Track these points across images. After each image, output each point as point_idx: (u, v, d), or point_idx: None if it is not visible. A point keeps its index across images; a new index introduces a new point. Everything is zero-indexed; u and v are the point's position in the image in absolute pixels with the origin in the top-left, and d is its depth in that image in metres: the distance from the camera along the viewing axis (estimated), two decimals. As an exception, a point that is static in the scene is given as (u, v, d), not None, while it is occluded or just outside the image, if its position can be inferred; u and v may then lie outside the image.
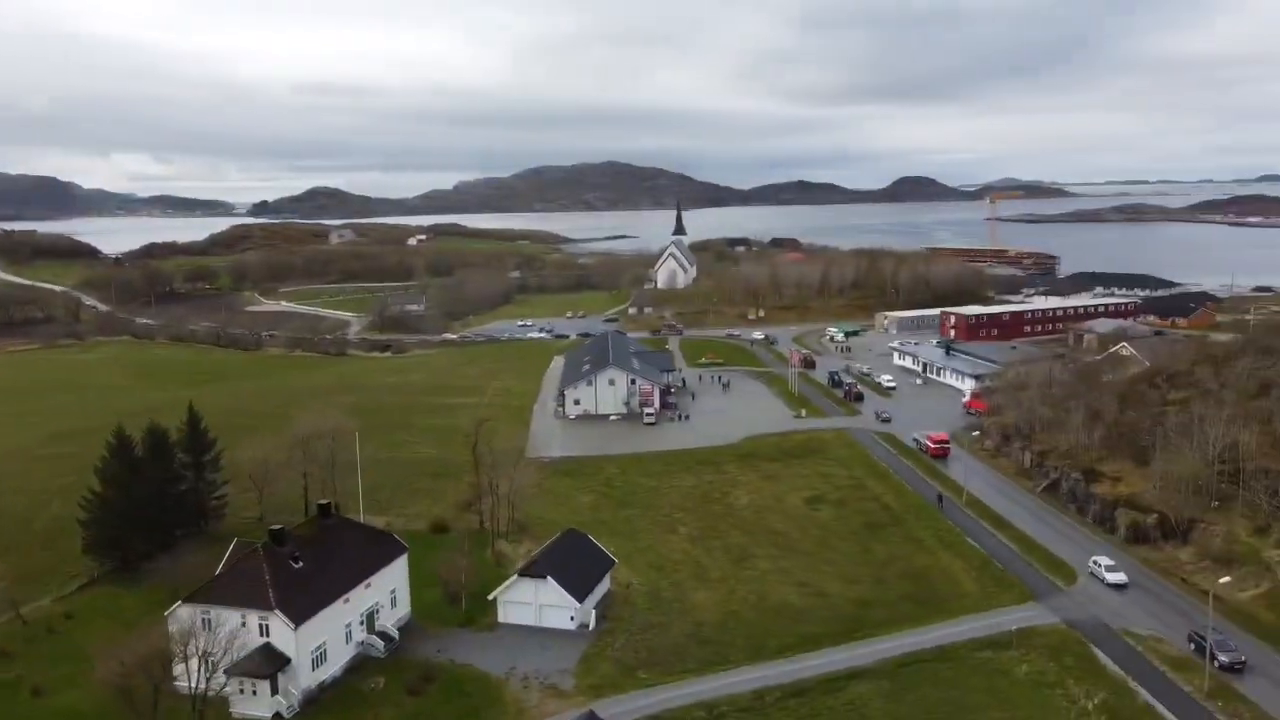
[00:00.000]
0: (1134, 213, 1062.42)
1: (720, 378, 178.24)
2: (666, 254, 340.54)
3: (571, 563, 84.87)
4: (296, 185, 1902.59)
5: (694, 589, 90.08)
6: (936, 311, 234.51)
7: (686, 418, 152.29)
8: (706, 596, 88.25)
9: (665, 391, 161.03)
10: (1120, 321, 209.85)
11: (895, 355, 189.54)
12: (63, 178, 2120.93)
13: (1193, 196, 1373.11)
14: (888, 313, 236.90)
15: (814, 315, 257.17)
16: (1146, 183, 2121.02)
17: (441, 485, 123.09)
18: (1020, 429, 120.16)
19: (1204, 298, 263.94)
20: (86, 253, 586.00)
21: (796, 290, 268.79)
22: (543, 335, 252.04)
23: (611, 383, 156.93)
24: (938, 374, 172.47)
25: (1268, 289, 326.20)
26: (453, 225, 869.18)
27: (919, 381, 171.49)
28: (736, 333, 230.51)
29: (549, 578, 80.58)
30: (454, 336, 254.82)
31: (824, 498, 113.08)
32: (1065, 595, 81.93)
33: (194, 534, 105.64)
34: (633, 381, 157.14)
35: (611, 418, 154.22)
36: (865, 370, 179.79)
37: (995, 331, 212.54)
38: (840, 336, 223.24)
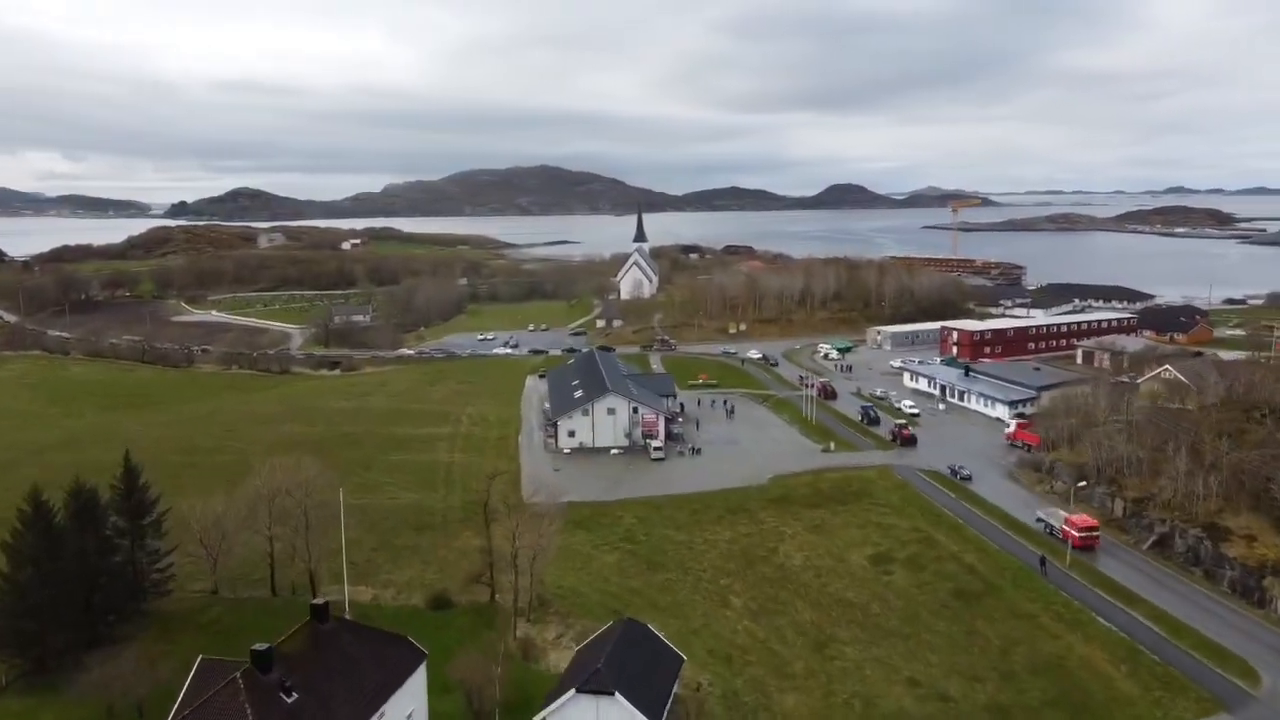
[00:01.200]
0: (1065, 222, 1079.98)
1: (725, 403, 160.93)
2: (630, 263, 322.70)
3: (637, 667, 66.30)
4: (216, 186, 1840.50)
5: (778, 690, 72.49)
6: (933, 326, 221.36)
7: (697, 451, 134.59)
8: (797, 701, 70.71)
9: (669, 420, 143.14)
10: (1137, 339, 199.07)
11: (906, 376, 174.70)
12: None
13: (1112, 207, 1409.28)
14: (880, 327, 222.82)
15: (797, 329, 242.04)
16: (1064, 193, 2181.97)
17: (429, 541, 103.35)
18: (1101, 470, 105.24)
19: (1193, 311, 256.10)
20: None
21: (778, 302, 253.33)
22: (510, 351, 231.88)
23: (611, 411, 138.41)
24: (960, 398, 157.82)
25: (1239, 301, 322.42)
26: (387, 229, 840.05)
27: (941, 407, 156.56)
28: (732, 349, 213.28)
29: (617, 693, 62.00)
30: (410, 352, 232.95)
31: (891, 556, 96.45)
32: (1259, 703, 66.21)
33: (131, 617, 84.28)
34: (634, 410, 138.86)
35: (612, 452, 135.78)
36: (880, 394, 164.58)
37: (1000, 349, 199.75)
38: (835, 354, 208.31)
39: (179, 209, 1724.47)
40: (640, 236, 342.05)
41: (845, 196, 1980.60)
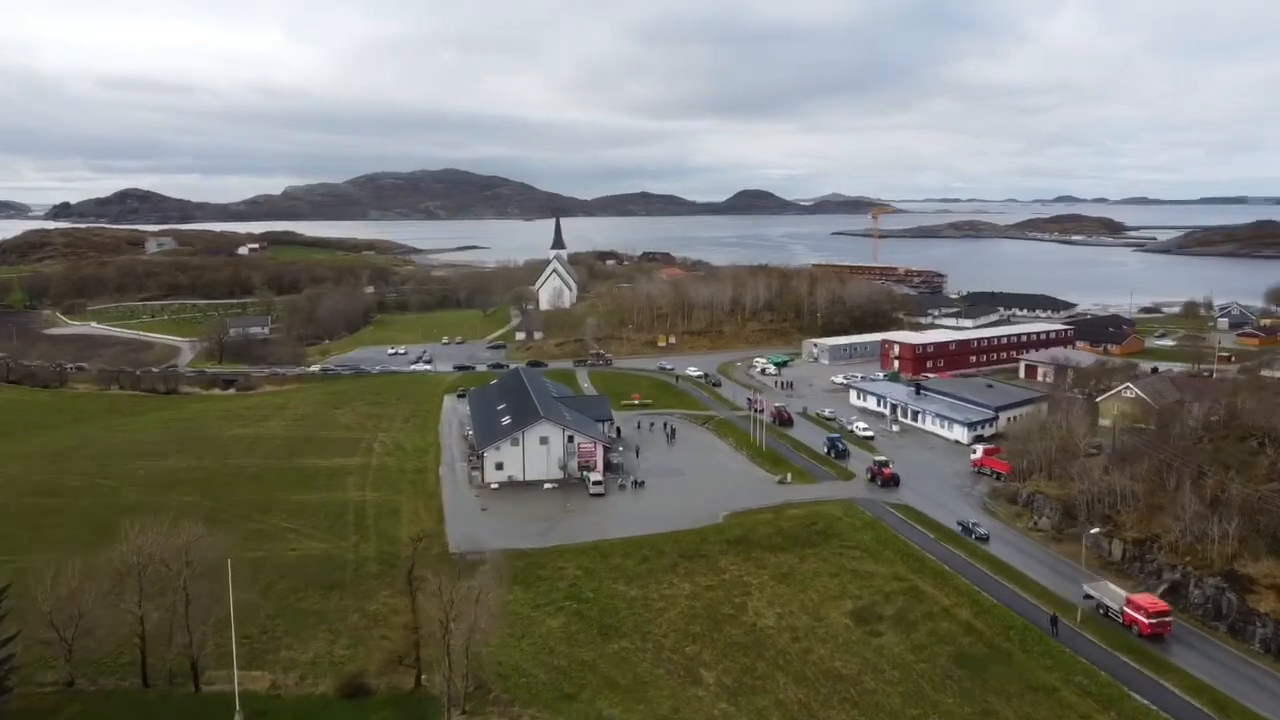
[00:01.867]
0: (969, 229, 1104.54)
1: (666, 426, 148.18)
2: (549, 271, 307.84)
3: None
4: (103, 187, 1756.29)
5: (777, 801, 59.86)
6: (872, 338, 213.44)
7: (640, 484, 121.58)
8: (801, 817, 58.20)
9: (608, 449, 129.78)
10: (1078, 351, 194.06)
11: (853, 394, 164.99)
12: None
13: (1008, 215, 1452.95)
14: (816, 340, 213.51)
15: (729, 342, 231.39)
16: (960, 200, 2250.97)
17: (339, 605, 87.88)
18: (1091, 506, 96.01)
19: (1120, 321, 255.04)
20: None
21: (707, 313, 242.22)
22: (426, 367, 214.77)
23: (544, 441, 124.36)
24: (913, 418, 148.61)
25: (1153, 310, 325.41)
26: (288, 233, 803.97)
27: (894, 428, 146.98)
28: (668, 365, 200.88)
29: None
30: (314, 369, 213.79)
31: (876, 612, 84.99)
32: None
33: (-43, 725, 66.92)
34: (570, 439, 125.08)
35: (546, 486, 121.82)
36: (829, 414, 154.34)
37: (942, 362, 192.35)
38: (772, 369, 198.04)
39: (61, 210, 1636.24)
40: (558, 243, 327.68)
41: (754, 203, 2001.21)
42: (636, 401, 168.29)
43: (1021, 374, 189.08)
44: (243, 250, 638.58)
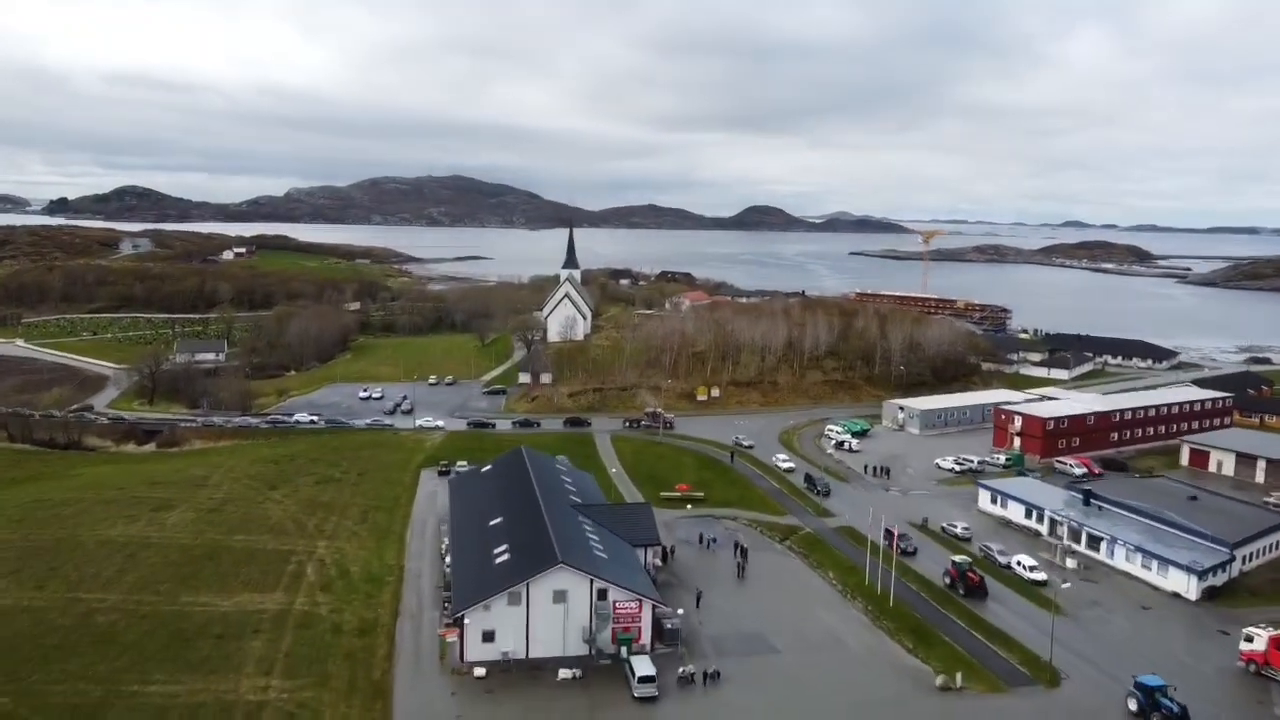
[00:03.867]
0: (994, 254, 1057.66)
1: (737, 549, 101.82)
2: (560, 295, 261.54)
3: None
4: (109, 183, 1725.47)
5: None
6: (975, 399, 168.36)
7: (714, 677, 75.40)
8: None
9: (660, 611, 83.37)
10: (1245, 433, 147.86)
11: (985, 496, 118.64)
12: None
13: (1019, 238, 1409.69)
14: (902, 401, 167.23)
15: (784, 397, 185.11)
16: (968, 222, 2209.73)
17: None
18: None
19: (1257, 380, 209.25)
20: None
21: (757, 357, 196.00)
22: (412, 425, 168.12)
23: (560, 597, 78.34)
24: (1091, 545, 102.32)
25: (1261, 358, 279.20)
26: (281, 237, 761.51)
27: (1068, 563, 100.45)
28: (746, 440, 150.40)
29: None
30: (255, 421, 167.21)
31: None
32: None
33: None
34: (601, 595, 79.00)
35: (562, 674, 75.74)
36: (960, 530, 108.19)
37: (1078, 441, 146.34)
38: (851, 440, 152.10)
39: (59, 206, 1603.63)
40: (571, 262, 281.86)
41: (763, 218, 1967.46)
42: (682, 494, 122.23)
43: (1184, 459, 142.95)
44: (228, 254, 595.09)
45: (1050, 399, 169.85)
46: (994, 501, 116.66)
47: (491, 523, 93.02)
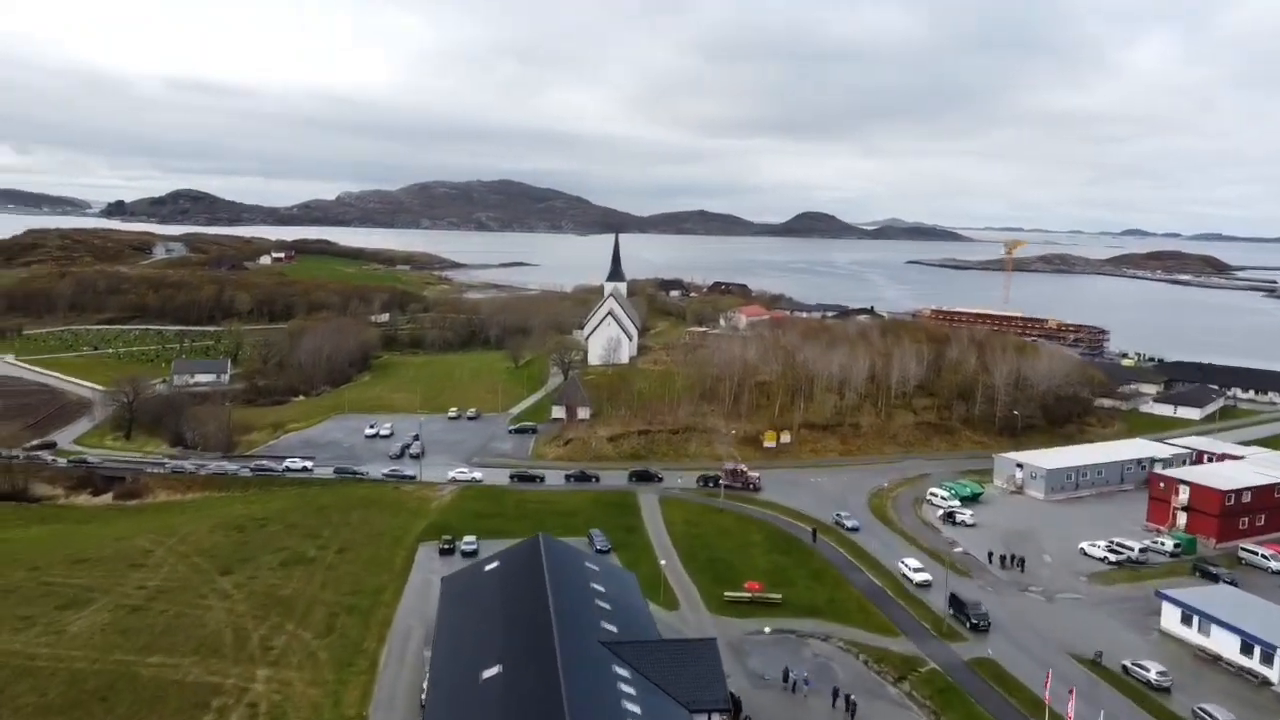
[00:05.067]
0: (1060, 263, 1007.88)
1: (838, 695, 71.31)
2: (604, 313, 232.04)
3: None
4: (165, 186, 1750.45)
5: None
6: (1113, 455, 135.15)
7: None
8: None
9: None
10: None
11: (1168, 611, 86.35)
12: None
13: (1081, 247, 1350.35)
14: (1021, 457, 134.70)
15: (869, 444, 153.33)
16: (1023, 230, 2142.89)
17: None
18: None
19: None
20: None
21: (833, 394, 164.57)
22: (410, 467, 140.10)
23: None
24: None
25: None
26: (323, 241, 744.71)
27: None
28: (850, 519, 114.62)
29: None
30: (234, 468, 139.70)
31: None
32: None
33: None
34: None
35: None
36: (1156, 677, 76.17)
37: (1262, 519, 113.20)
38: (958, 504, 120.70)
39: (115, 209, 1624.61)
40: (616, 274, 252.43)
41: (813, 225, 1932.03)
42: (752, 594, 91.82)
43: None
44: (265, 259, 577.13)
45: (1207, 455, 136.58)
46: (1187, 623, 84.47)
47: (486, 675, 63.60)
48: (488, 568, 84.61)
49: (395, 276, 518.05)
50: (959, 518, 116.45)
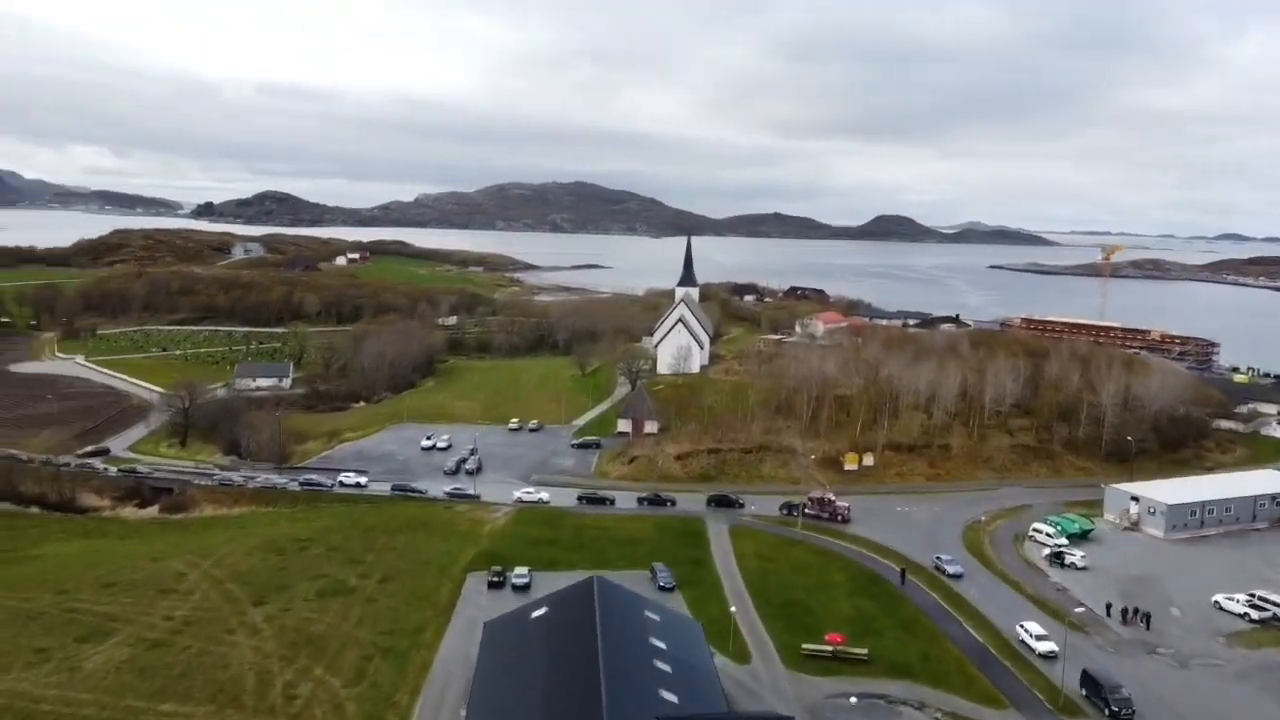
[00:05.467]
0: (1152, 268, 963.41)
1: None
2: (674, 319, 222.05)
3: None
4: (254, 188, 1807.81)
5: None
6: (1244, 489, 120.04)
7: None
8: None
9: None
10: None
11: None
12: (2, 165, 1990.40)
13: (1173, 252, 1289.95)
14: (1136, 488, 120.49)
15: (960, 468, 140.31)
16: (1110, 233, 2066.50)
17: None
18: None
19: None
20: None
21: (920, 410, 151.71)
22: (466, 482, 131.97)
23: None
24: None
25: None
26: (398, 242, 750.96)
27: None
28: (952, 563, 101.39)
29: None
30: (283, 481, 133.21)
31: None
32: None
33: None
34: None
35: None
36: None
37: None
38: (1065, 542, 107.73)
39: (204, 210, 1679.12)
40: (688, 279, 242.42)
41: (892, 228, 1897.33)
42: (834, 647, 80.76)
43: None
44: (341, 260, 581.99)
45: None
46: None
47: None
48: (535, 614, 75.23)
49: (467, 278, 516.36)
50: (1068, 559, 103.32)
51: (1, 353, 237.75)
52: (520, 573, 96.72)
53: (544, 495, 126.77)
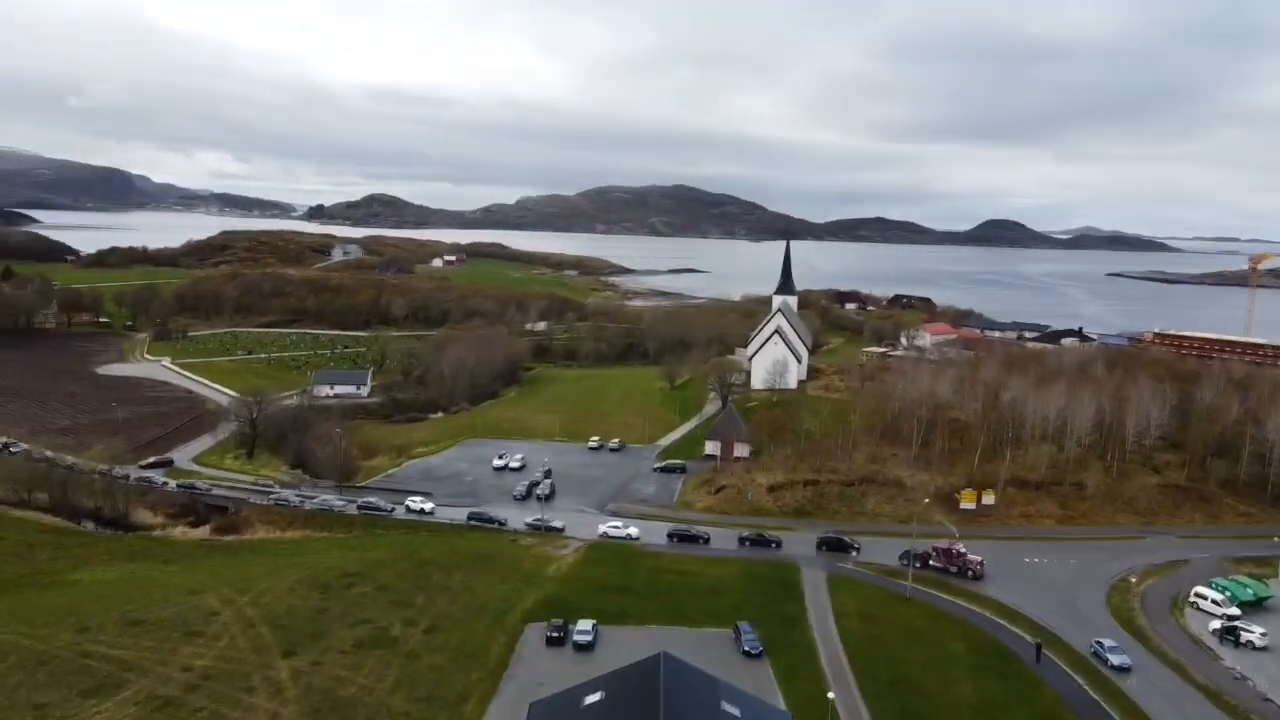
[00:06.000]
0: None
1: None
2: (771, 330, 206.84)
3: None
4: (363, 191, 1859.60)
5: None
6: None
7: None
8: None
9: None
10: None
11: None
12: (134, 170, 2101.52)
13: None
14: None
15: (1097, 510, 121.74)
16: (1239, 240, 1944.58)
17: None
18: None
19: None
20: (56, 255, 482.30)
21: (1048, 441, 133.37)
22: (536, 516, 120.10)
23: None
24: None
25: None
26: (496, 245, 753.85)
27: None
28: (1117, 658, 79.79)
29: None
30: (341, 504, 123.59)
31: None
32: None
33: None
34: None
35: None
36: None
37: None
38: (1236, 611, 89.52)
39: (315, 212, 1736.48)
40: (786, 286, 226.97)
41: (1001, 233, 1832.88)
42: (958, 753, 65.49)
43: None
44: (437, 262, 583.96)
45: None
46: None
47: None
48: (587, 699, 62.17)
49: (561, 281, 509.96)
50: (1244, 636, 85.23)
51: (96, 354, 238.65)
52: (584, 629, 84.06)
53: (632, 530, 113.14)
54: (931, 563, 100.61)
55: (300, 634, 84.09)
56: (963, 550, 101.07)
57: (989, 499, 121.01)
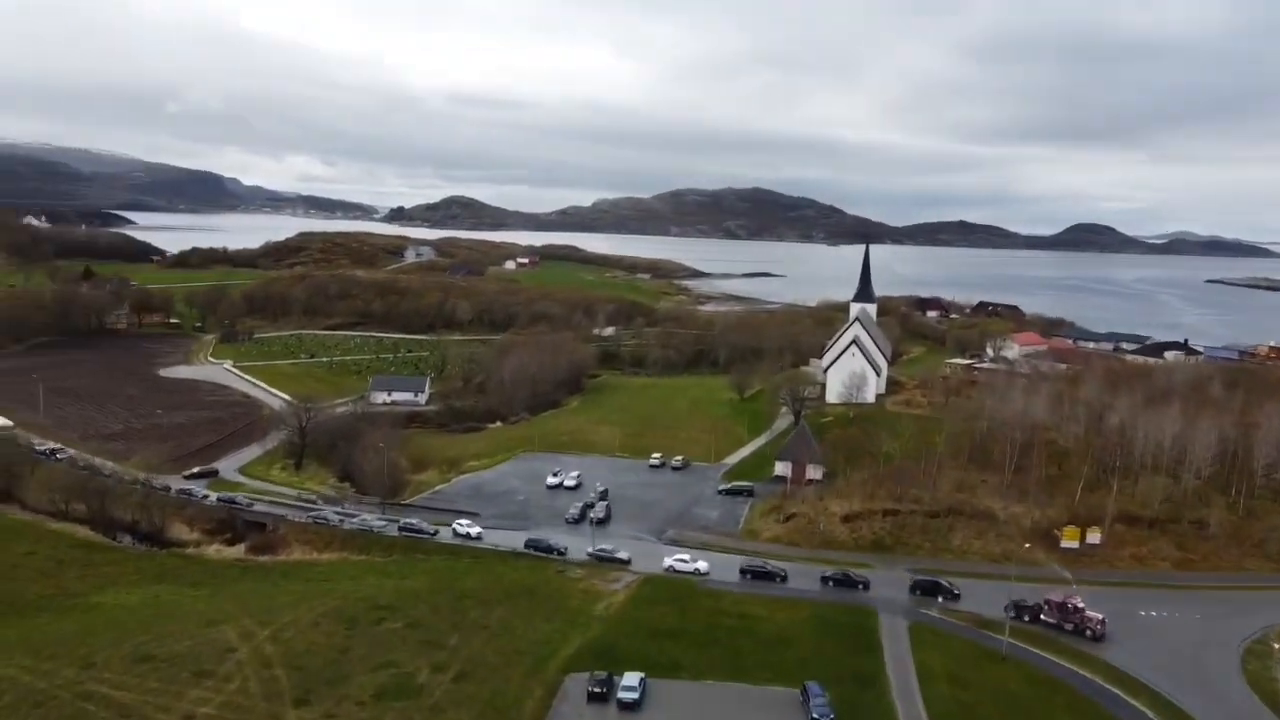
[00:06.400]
0: None
1: None
2: (848, 340, 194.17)
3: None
4: (443, 193, 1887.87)
5: None
6: None
7: None
8: None
9: None
10: None
11: None
12: (226, 173, 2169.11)
13: None
14: None
15: (1221, 551, 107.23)
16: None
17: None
18: None
19: None
20: (143, 256, 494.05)
21: (1166, 472, 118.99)
22: (590, 524, 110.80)
23: None
24: None
25: None
26: (569, 247, 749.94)
27: None
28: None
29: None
30: (381, 525, 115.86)
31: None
32: None
33: None
34: None
35: None
36: None
37: None
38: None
39: (396, 214, 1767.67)
40: (865, 294, 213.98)
41: (1088, 237, 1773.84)
42: None
43: None
44: (510, 264, 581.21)
45: None
46: None
47: None
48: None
49: (633, 284, 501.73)
50: None
51: (162, 355, 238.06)
52: (630, 683, 74.17)
53: (701, 565, 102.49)
54: (1043, 617, 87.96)
55: (318, 678, 76.08)
56: (1080, 605, 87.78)
57: (1094, 537, 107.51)
